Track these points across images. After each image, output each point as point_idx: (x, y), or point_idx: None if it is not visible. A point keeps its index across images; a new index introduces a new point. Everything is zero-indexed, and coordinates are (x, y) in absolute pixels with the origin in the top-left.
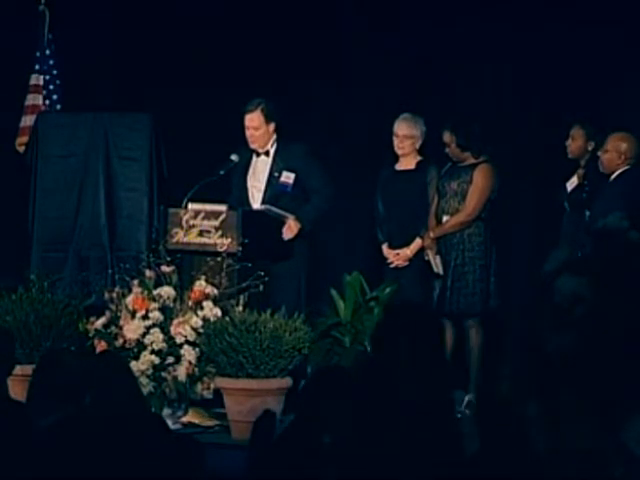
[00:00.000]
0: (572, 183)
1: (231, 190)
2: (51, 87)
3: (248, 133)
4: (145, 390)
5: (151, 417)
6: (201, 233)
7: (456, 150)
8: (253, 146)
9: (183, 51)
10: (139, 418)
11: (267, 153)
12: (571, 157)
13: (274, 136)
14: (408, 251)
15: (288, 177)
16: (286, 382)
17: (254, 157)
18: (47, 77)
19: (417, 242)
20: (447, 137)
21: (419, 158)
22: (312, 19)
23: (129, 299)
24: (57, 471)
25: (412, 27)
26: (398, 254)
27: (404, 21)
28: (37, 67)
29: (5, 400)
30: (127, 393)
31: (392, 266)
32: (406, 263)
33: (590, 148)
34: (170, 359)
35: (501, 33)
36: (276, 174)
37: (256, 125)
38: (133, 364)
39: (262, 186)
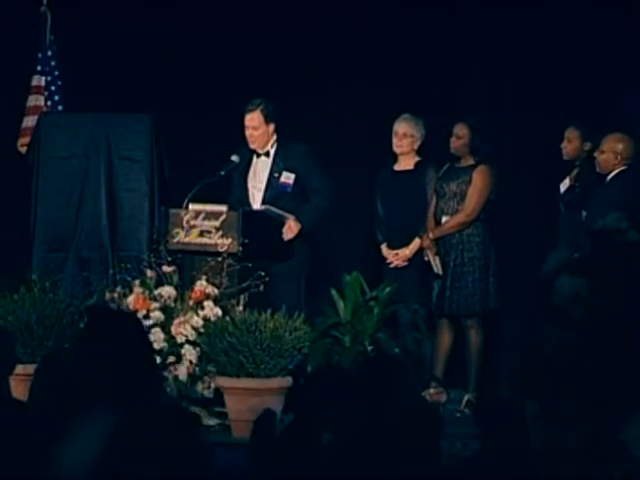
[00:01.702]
0: (565, 185)
1: (232, 190)
2: (53, 88)
3: (247, 133)
4: None
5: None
6: (202, 233)
7: (463, 147)
8: (253, 146)
9: (184, 52)
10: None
11: (267, 154)
12: (566, 159)
13: (274, 136)
14: (407, 251)
15: (288, 177)
16: (286, 381)
17: (254, 158)
18: (49, 78)
19: (416, 242)
20: (460, 130)
21: (418, 158)
22: (312, 19)
23: (130, 299)
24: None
25: (412, 28)
26: (397, 254)
27: (404, 22)
28: (39, 68)
29: (6, 399)
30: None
31: (391, 266)
32: (405, 263)
33: (586, 149)
34: (171, 358)
35: (500, 35)
36: (276, 175)
37: (255, 125)
38: None
39: (262, 186)
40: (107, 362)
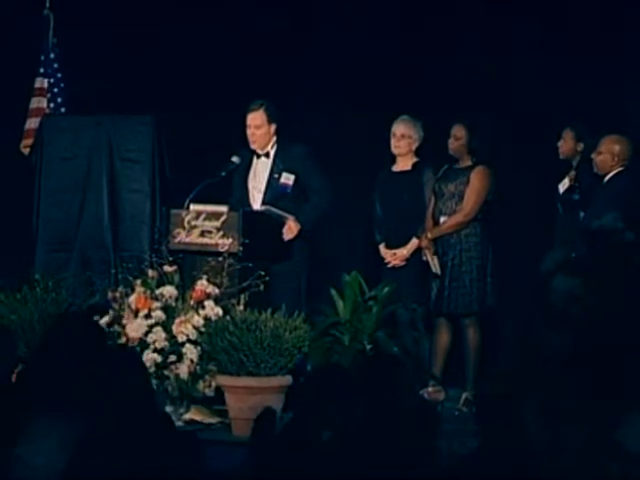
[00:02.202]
0: (564, 185)
1: (232, 191)
2: (55, 90)
3: (249, 132)
4: None
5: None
6: (202, 233)
7: (461, 148)
8: (253, 146)
9: (184, 54)
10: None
11: (267, 154)
12: (562, 158)
13: (274, 137)
14: (405, 251)
15: (288, 178)
16: (286, 380)
17: (254, 159)
18: (51, 80)
19: (413, 242)
20: (458, 131)
21: (415, 159)
22: (312, 21)
23: (132, 298)
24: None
25: (411, 29)
26: (395, 254)
27: (403, 23)
28: (41, 70)
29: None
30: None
31: (389, 266)
32: (403, 263)
33: (579, 149)
34: (172, 357)
35: (499, 36)
36: (276, 175)
37: (258, 124)
38: None
39: (262, 187)
40: (66, 366)
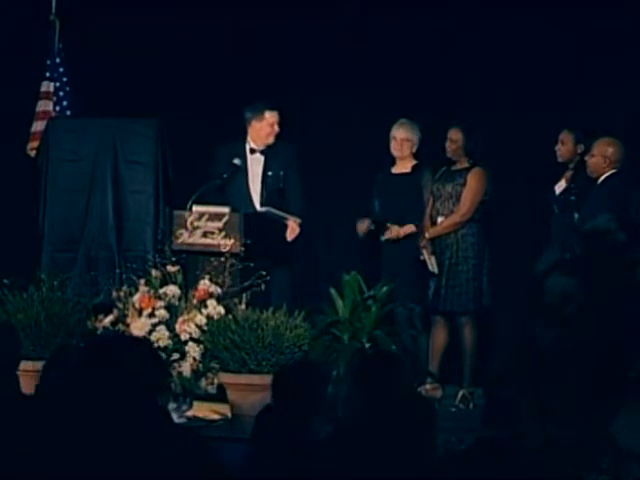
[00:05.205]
0: (560, 186)
1: (229, 191)
2: (61, 94)
3: (273, 130)
4: None
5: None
6: (205, 234)
7: (458, 150)
8: (268, 140)
9: (189, 57)
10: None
11: (262, 151)
12: (561, 161)
13: None
14: (401, 230)
15: (278, 171)
16: None
17: (249, 155)
18: (57, 84)
19: (410, 226)
20: (454, 134)
21: (414, 162)
22: (312, 22)
23: (136, 297)
24: (62, 460)
25: (408, 31)
26: (389, 228)
27: (401, 24)
28: (48, 74)
29: (16, 395)
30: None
31: (384, 239)
32: (395, 236)
33: (579, 151)
34: (175, 355)
35: (495, 38)
36: (270, 173)
37: (279, 121)
38: None
39: (258, 186)
40: None
